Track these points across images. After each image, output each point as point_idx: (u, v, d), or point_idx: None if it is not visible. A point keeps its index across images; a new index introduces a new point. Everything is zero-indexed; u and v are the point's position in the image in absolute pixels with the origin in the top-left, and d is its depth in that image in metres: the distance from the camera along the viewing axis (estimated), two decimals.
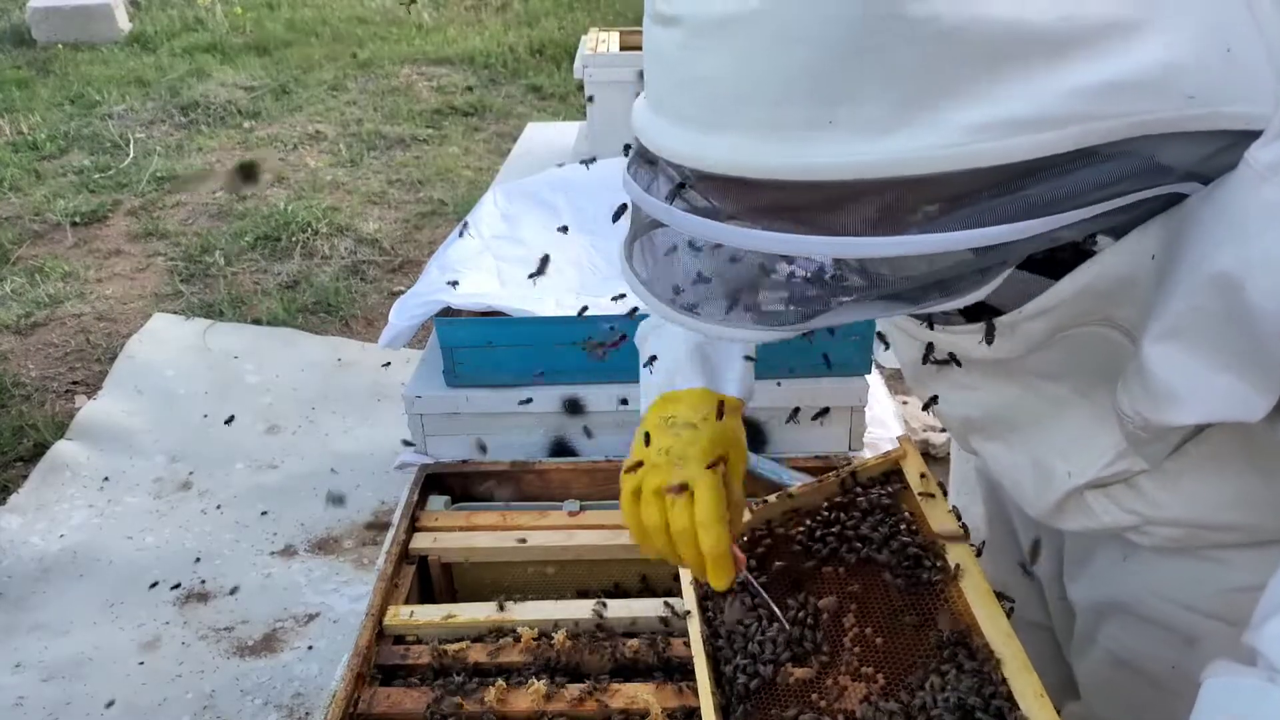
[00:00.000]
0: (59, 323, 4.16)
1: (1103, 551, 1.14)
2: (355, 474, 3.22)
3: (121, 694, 2.45)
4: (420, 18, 8.36)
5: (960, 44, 0.62)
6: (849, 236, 0.68)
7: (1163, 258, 0.75)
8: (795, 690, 1.10)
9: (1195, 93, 0.66)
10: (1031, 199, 0.66)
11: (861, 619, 1.13)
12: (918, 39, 0.62)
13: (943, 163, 0.64)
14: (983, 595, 1.10)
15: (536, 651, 1.35)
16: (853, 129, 0.64)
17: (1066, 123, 0.64)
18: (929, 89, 0.63)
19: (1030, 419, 1.03)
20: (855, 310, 0.75)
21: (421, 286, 1.98)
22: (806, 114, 0.65)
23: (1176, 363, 0.75)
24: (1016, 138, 0.64)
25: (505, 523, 1.65)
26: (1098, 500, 1.01)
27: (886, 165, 0.65)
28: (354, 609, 2.66)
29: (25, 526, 3.01)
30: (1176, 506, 0.97)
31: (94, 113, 6.42)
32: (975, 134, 0.63)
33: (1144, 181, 0.69)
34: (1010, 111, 0.63)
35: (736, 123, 0.68)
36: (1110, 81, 0.64)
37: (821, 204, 0.68)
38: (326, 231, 4.86)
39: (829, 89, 0.64)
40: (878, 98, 0.63)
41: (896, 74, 0.63)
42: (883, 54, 0.62)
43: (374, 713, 1.28)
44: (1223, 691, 0.76)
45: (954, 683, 1.02)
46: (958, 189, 0.66)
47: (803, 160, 0.66)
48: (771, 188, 0.68)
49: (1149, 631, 1.09)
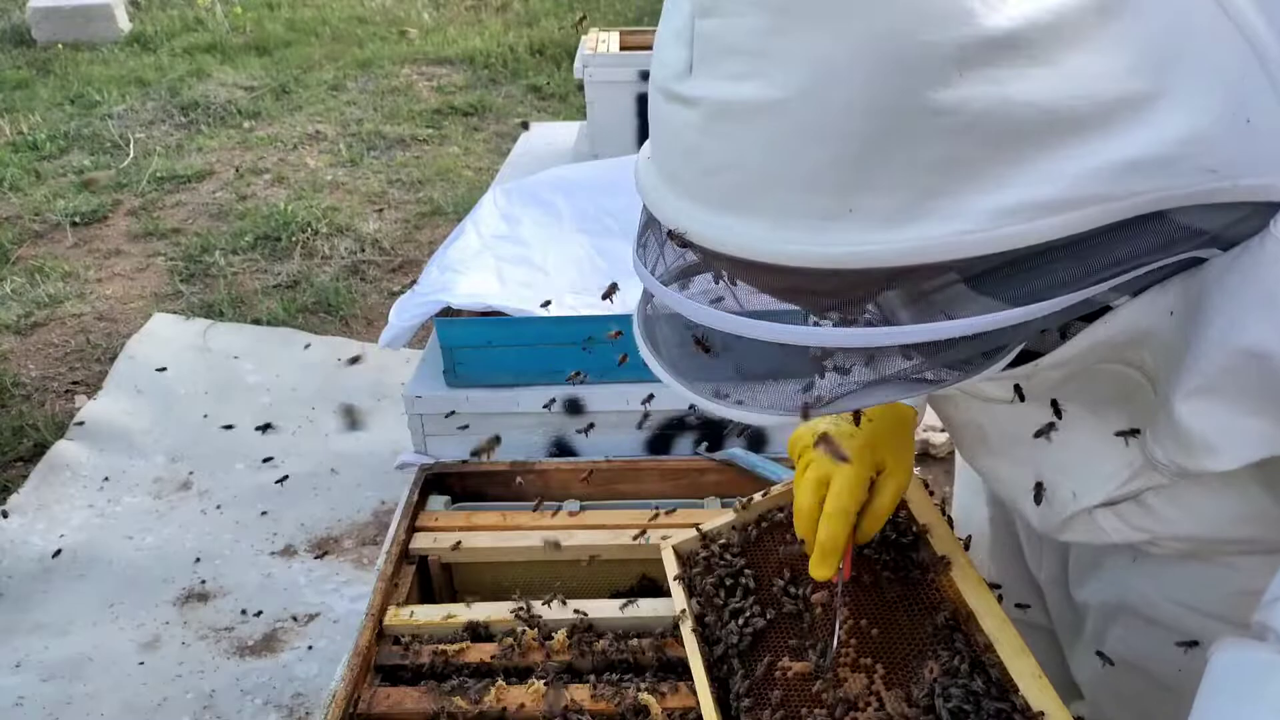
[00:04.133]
0: (59, 323, 4.16)
1: (1111, 555, 1.13)
2: (355, 474, 3.22)
3: (121, 694, 2.45)
4: (421, 19, 8.36)
5: (983, 131, 0.61)
6: (865, 328, 0.68)
7: (1182, 316, 0.75)
8: (795, 683, 1.10)
9: (1216, 166, 0.65)
10: (1050, 278, 0.66)
11: (856, 611, 1.14)
12: (944, 129, 0.61)
13: (967, 248, 0.63)
14: (973, 584, 1.12)
15: (536, 651, 1.35)
16: (877, 217, 0.63)
17: (1088, 203, 0.63)
18: (953, 176, 0.62)
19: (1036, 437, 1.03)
20: (873, 394, 0.75)
21: (422, 286, 1.99)
22: (831, 202, 0.64)
23: (1209, 416, 0.76)
24: (1039, 220, 0.63)
25: (505, 523, 1.65)
26: (1107, 519, 1.01)
27: (910, 254, 0.64)
28: (354, 609, 2.66)
29: (25, 526, 3.01)
30: (1186, 523, 0.97)
31: (94, 113, 6.42)
32: (998, 219, 0.63)
33: (1164, 252, 0.69)
34: (1032, 195, 0.62)
35: (759, 208, 0.66)
36: (1130, 160, 0.63)
37: (840, 290, 0.68)
38: (326, 231, 4.86)
39: (855, 178, 0.63)
40: (905, 186, 0.63)
41: (923, 163, 0.62)
42: (911, 144, 0.61)
43: (374, 713, 1.27)
44: (1232, 665, 0.76)
45: (953, 669, 1.03)
46: (978, 272, 0.66)
47: (826, 249, 0.65)
48: (792, 273, 0.67)
49: (1155, 633, 1.09)
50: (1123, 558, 1.11)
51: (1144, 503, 0.97)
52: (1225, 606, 1.02)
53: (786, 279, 0.69)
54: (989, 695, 1.01)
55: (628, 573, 1.61)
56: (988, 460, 1.13)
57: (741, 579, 1.24)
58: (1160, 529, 0.98)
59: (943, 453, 3.22)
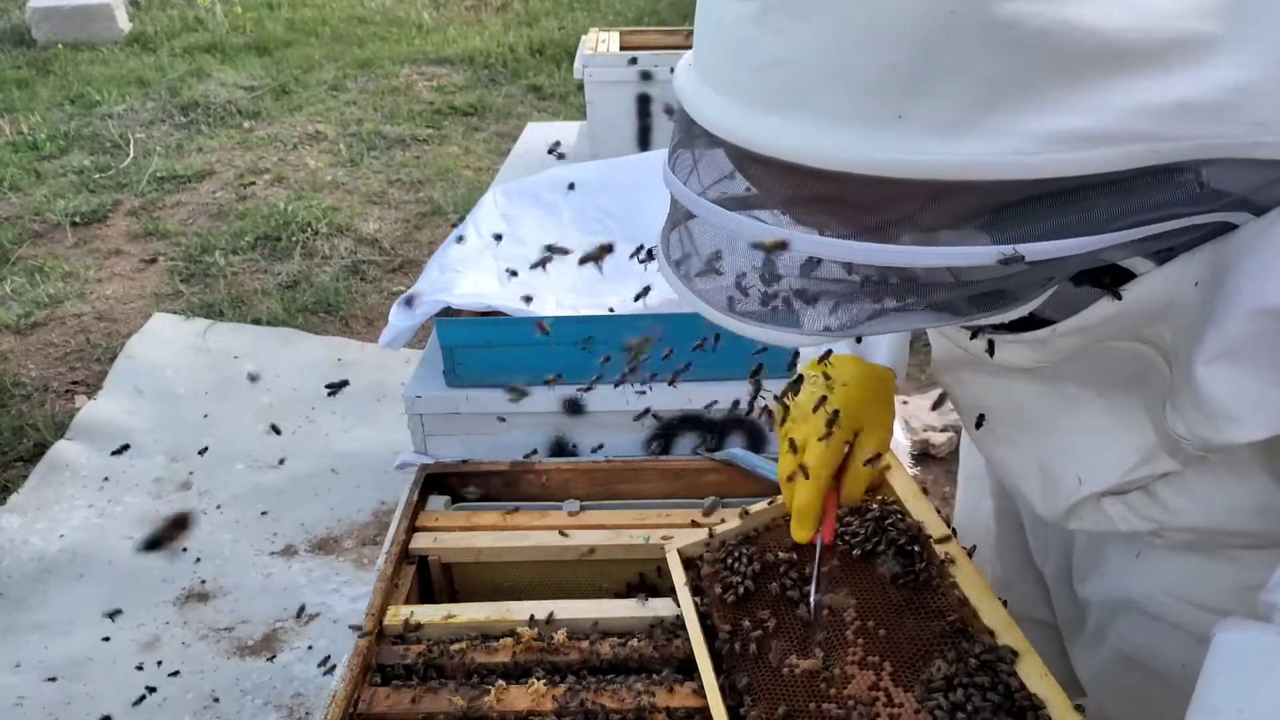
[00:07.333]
0: (59, 323, 4.16)
1: (1114, 549, 1.14)
2: (355, 474, 3.22)
3: (121, 694, 2.45)
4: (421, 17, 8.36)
5: (1040, 50, 0.61)
6: (900, 245, 0.67)
7: (1208, 284, 0.74)
8: (802, 681, 1.11)
9: (1266, 119, 0.64)
10: (1088, 215, 0.65)
11: (862, 613, 1.15)
12: (999, 41, 0.60)
13: (1011, 169, 0.63)
14: (977, 585, 1.12)
15: (536, 651, 1.35)
16: (929, 126, 0.63)
17: (1133, 140, 0.63)
18: (1005, 93, 0.62)
19: (1044, 418, 1.03)
20: (900, 320, 0.74)
21: (421, 286, 1.98)
22: (883, 107, 0.63)
23: (1230, 383, 0.75)
24: (1083, 151, 0.62)
25: (505, 523, 1.65)
26: (1114, 507, 1.00)
27: (957, 168, 0.63)
28: (354, 609, 2.66)
29: (25, 526, 3.01)
30: (1194, 514, 0.96)
31: (94, 113, 6.42)
32: (1045, 144, 0.62)
33: (1200, 205, 0.68)
34: (1080, 124, 0.62)
35: (809, 109, 0.65)
36: (1181, 102, 0.62)
37: (878, 202, 0.67)
38: (326, 231, 4.86)
39: (909, 84, 0.62)
40: (958, 97, 0.62)
41: (975, 75, 0.61)
42: (967, 53, 0.61)
43: (374, 713, 1.27)
44: (1238, 645, 0.76)
45: (961, 668, 1.04)
46: (1020, 198, 0.65)
47: (874, 154, 0.64)
48: (836, 180, 0.66)
49: (1159, 630, 1.09)
50: (1126, 553, 1.11)
51: (1152, 492, 0.97)
52: (1229, 602, 1.02)
53: (826, 186, 0.67)
54: (995, 691, 1.02)
55: (628, 572, 1.61)
56: (994, 443, 1.13)
57: (746, 582, 1.24)
58: (1167, 519, 0.98)
59: (943, 453, 3.22)
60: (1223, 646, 0.77)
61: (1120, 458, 0.95)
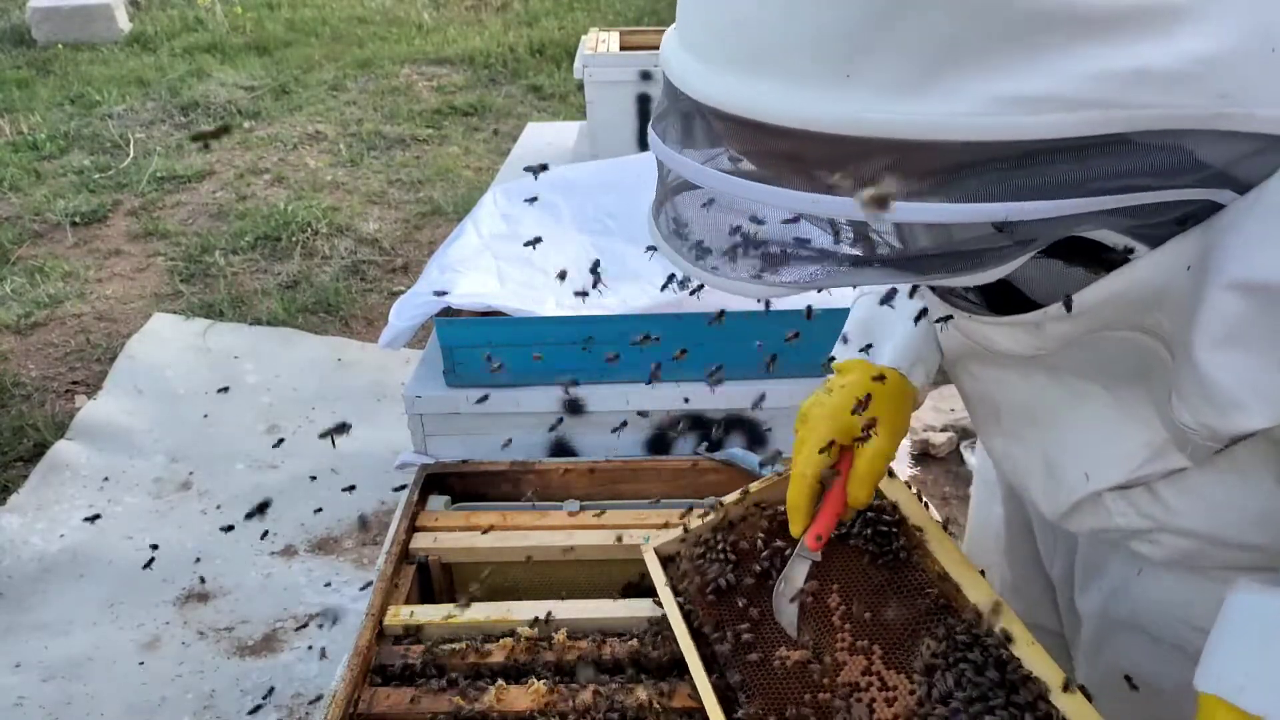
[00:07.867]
0: (59, 323, 4.16)
1: (1115, 564, 1.13)
2: (355, 474, 3.22)
3: (121, 694, 2.45)
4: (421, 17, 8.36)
5: (995, 13, 0.61)
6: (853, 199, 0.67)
7: (1199, 268, 0.74)
8: (794, 672, 1.11)
9: (1229, 91, 0.64)
10: (1050, 179, 0.65)
11: (845, 597, 1.15)
12: (955, 4, 0.61)
13: (963, 131, 0.63)
14: (956, 560, 1.13)
15: (536, 651, 1.35)
16: (880, 86, 0.63)
17: (1090, 106, 0.63)
18: (959, 55, 0.62)
19: (1051, 413, 1.02)
20: (861, 275, 0.75)
21: (422, 286, 1.98)
22: (837, 67, 0.64)
23: (1235, 368, 0.74)
24: (1039, 115, 0.62)
25: (505, 523, 1.65)
26: (1115, 502, 1.00)
27: (908, 127, 0.63)
28: (354, 609, 2.65)
29: (25, 526, 3.01)
30: (1195, 516, 0.95)
31: (94, 113, 6.42)
32: (1002, 106, 0.62)
33: (1170, 178, 0.67)
34: (1037, 88, 0.62)
35: (770, 68, 0.66)
36: (1141, 70, 0.62)
37: (837, 160, 0.67)
38: (326, 231, 4.86)
39: (862, 43, 0.63)
40: (910, 58, 0.62)
41: (933, 36, 0.62)
42: (920, 15, 0.61)
43: (374, 713, 1.27)
44: (1251, 606, 0.77)
45: (949, 644, 1.05)
46: (975, 160, 0.65)
47: (828, 112, 0.64)
48: (793, 137, 0.67)
49: (1159, 650, 1.09)
50: (1127, 568, 1.10)
51: (1154, 490, 0.96)
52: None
53: (787, 144, 0.68)
54: (987, 665, 1.04)
55: (628, 572, 1.61)
56: (999, 437, 1.12)
57: (727, 575, 1.24)
58: (1167, 518, 0.97)
59: (943, 453, 3.22)
60: (1238, 607, 0.77)
61: (1127, 454, 0.94)
